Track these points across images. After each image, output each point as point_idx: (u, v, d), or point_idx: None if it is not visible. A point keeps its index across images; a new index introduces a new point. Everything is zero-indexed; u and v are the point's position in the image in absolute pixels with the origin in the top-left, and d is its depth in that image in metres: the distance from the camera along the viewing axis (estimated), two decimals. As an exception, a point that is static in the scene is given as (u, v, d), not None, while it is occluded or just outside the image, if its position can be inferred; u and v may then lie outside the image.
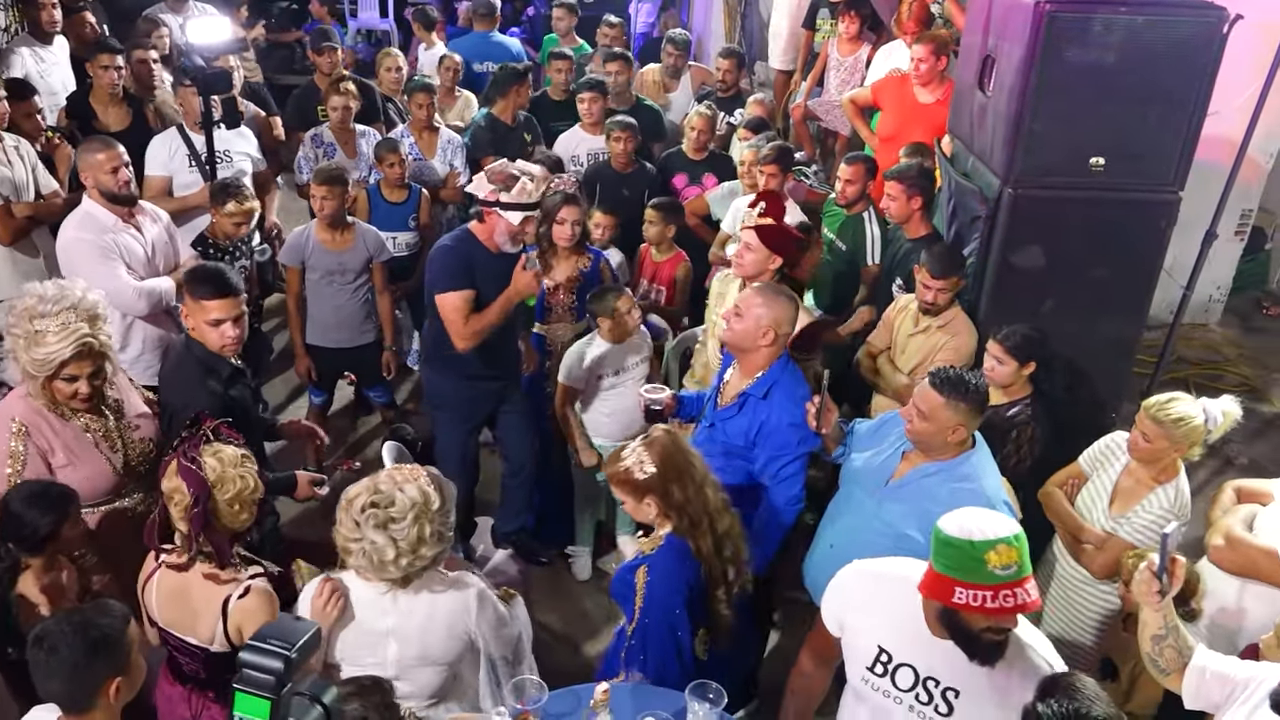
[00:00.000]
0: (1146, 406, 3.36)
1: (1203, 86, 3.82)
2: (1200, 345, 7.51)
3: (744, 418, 3.49)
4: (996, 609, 2.28)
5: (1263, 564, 3.04)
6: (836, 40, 6.65)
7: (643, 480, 2.95)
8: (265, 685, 1.51)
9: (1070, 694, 2.14)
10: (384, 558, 2.58)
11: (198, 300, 3.36)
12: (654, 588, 2.93)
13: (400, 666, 2.72)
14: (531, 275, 3.78)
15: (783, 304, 3.48)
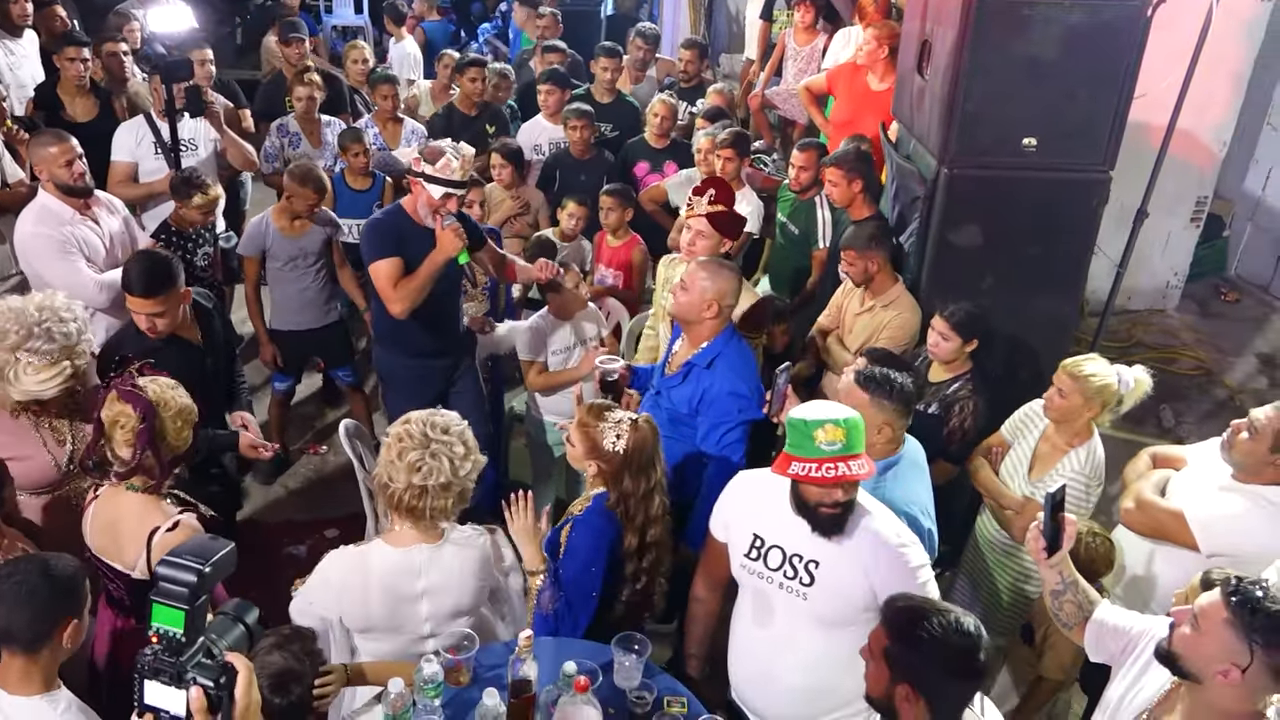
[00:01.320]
0: (1063, 364, 3.49)
1: (1129, 68, 3.95)
2: (1158, 330, 7.65)
3: (688, 386, 3.62)
4: (820, 478, 2.56)
5: (1169, 525, 3.16)
6: (793, 30, 6.78)
7: (605, 451, 3.05)
8: (180, 597, 1.59)
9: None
10: (455, 456, 2.72)
11: (124, 287, 3.59)
12: (575, 540, 3.06)
13: (435, 623, 2.85)
14: (452, 231, 3.87)
15: (726, 277, 3.60)
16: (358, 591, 2.76)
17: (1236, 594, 2.17)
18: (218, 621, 1.69)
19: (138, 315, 3.59)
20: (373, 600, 2.77)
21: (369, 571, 2.77)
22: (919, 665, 2.16)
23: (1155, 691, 2.43)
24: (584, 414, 3.14)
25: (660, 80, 7.11)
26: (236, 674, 1.63)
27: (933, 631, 2.15)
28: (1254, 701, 2.22)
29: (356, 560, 2.80)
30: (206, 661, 1.62)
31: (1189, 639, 2.24)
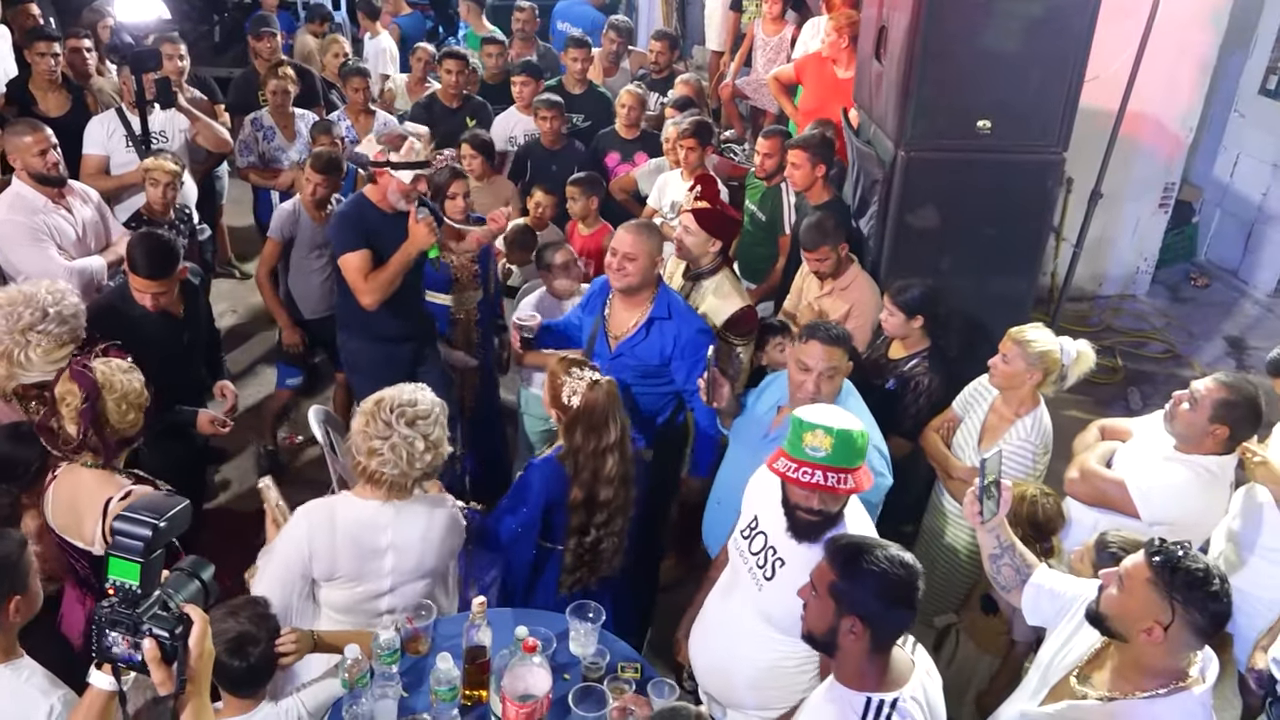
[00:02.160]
0: (1009, 331, 3.58)
1: (1079, 51, 4.03)
2: (1129, 315, 7.75)
3: (654, 339, 3.79)
4: (794, 480, 2.60)
5: (1111, 494, 3.25)
6: (762, 21, 6.86)
7: (563, 403, 3.23)
8: (135, 550, 1.66)
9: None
10: (414, 452, 2.79)
11: (130, 268, 3.69)
12: (523, 481, 3.27)
13: (396, 578, 2.93)
14: (425, 225, 3.94)
15: (654, 231, 3.85)
16: (325, 539, 2.85)
17: (1159, 555, 2.26)
18: (174, 577, 1.76)
19: (141, 294, 3.71)
20: (340, 550, 2.86)
21: (336, 522, 2.87)
22: (865, 597, 2.24)
23: (1085, 650, 2.51)
24: (555, 365, 3.33)
25: (634, 72, 7.17)
26: (191, 625, 1.69)
27: (877, 565, 2.24)
28: (1177, 658, 2.30)
29: (326, 510, 2.90)
30: (162, 614, 1.68)
31: (1115, 599, 2.32)
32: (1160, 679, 2.30)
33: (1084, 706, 2.39)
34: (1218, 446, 3.16)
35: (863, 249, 4.53)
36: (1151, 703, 2.29)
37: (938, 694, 2.45)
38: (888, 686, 2.31)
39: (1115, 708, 2.34)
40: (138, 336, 3.47)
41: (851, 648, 2.28)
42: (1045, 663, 2.63)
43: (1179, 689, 2.29)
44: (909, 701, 2.30)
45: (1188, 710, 2.28)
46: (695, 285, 4.24)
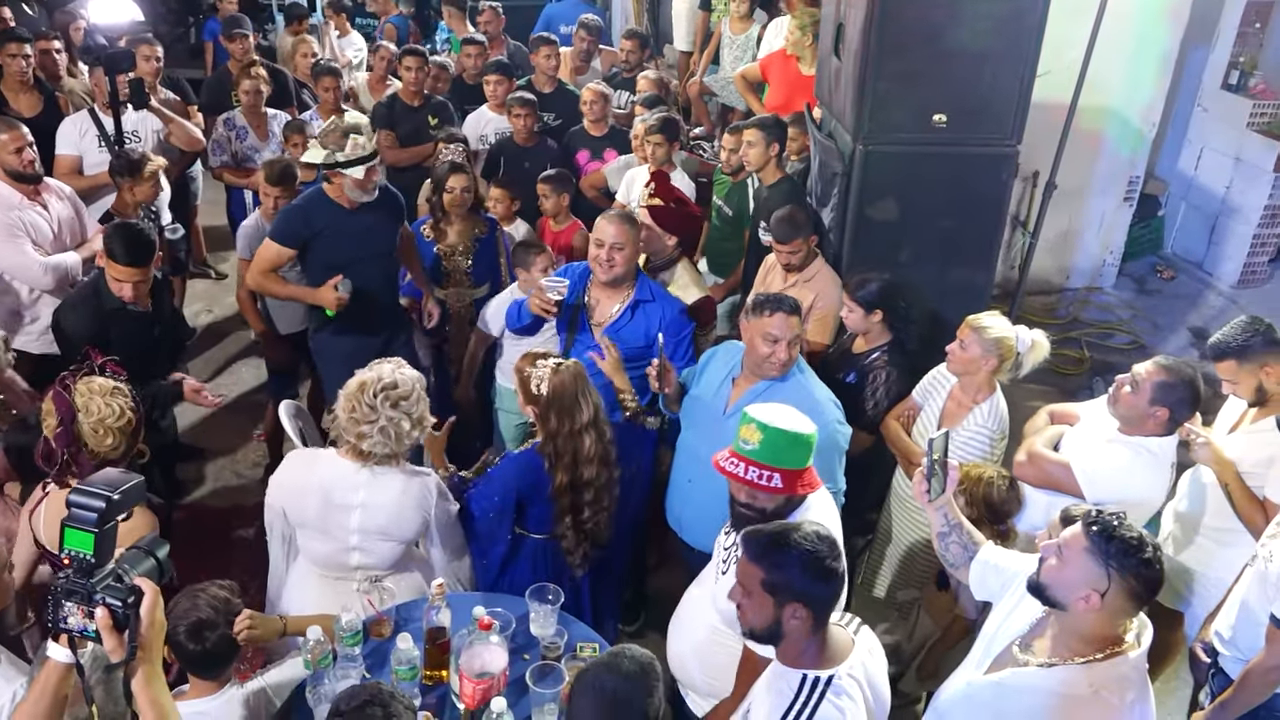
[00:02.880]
0: (966, 319, 3.68)
1: (1031, 46, 4.13)
2: (1096, 307, 7.88)
3: (640, 321, 3.95)
4: (723, 469, 2.71)
5: (1058, 475, 3.34)
6: (730, 19, 6.95)
7: (533, 394, 3.29)
8: (89, 521, 1.73)
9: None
10: (400, 430, 2.93)
11: (110, 259, 3.75)
12: (497, 471, 3.35)
13: (361, 535, 3.04)
14: (334, 297, 4.11)
15: (634, 222, 3.97)
16: (297, 487, 3.01)
17: (1095, 524, 2.34)
18: (130, 554, 1.84)
19: (120, 283, 3.77)
20: (309, 499, 2.99)
21: (313, 473, 3.01)
22: (798, 580, 2.29)
23: (1027, 622, 2.59)
24: (520, 360, 3.39)
25: (605, 71, 7.25)
26: (143, 595, 1.76)
27: (801, 545, 2.30)
28: (1114, 625, 2.38)
29: (308, 459, 3.07)
30: (115, 585, 1.76)
31: (1054, 569, 2.40)
32: (1097, 645, 2.37)
33: (1024, 673, 2.47)
34: (1159, 428, 3.25)
35: (824, 241, 4.62)
36: (1089, 668, 2.37)
37: (880, 672, 2.52)
38: (825, 664, 2.36)
39: (1054, 673, 2.41)
40: (111, 331, 3.56)
41: (797, 630, 2.34)
42: (990, 634, 2.70)
43: (1115, 654, 2.36)
44: (845, 679, 2.36)
45: (1122, 674, 2.35)
46: (654, 277, 4.33)
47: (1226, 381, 3.42)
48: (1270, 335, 3.30)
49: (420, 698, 2.72)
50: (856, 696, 2.37)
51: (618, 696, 2.16)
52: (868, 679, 2.44)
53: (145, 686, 1.79)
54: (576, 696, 2.21)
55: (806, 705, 2.30)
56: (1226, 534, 3.46)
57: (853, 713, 2.33)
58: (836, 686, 2.33)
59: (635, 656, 2.25)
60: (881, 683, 2.51)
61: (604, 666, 2.23)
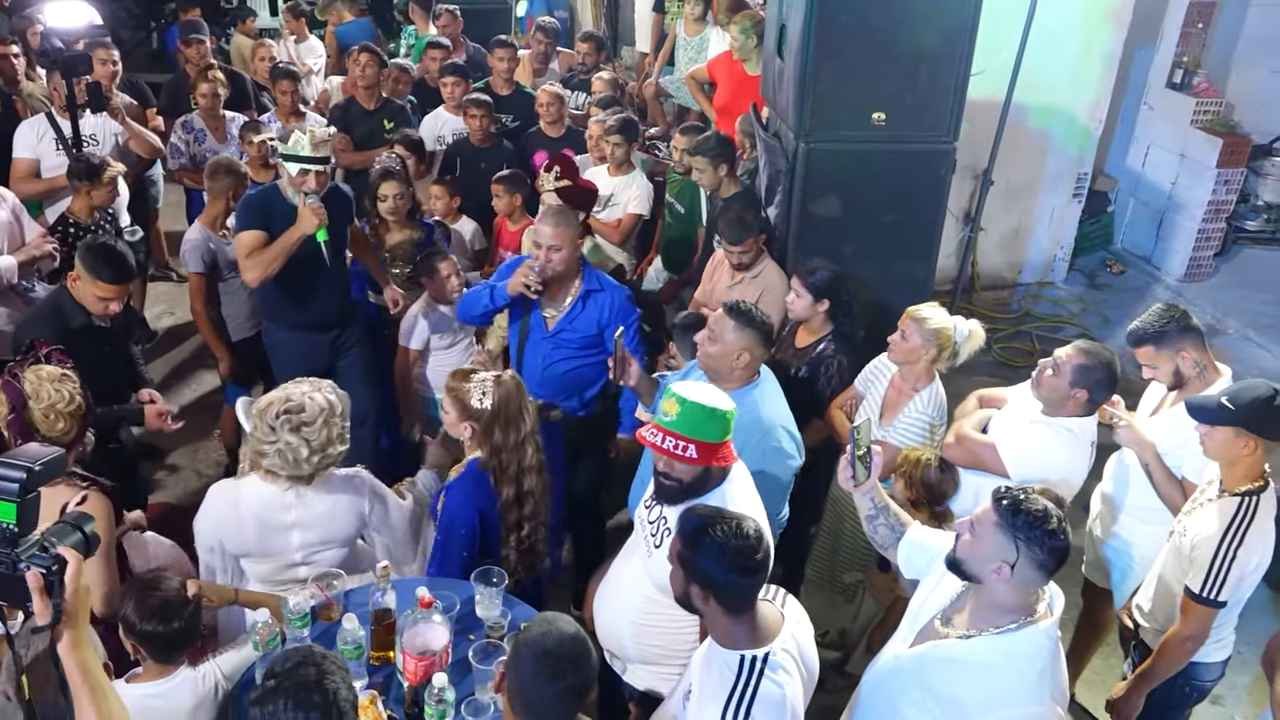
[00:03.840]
0: (907, 310, 3.81)
1: (965, 46, 4.27)
2: (1047, 301, 8.06)
3: (591, 309, 4.10)
4: (641, 437, 2.83)
5: (984, 456, 3.48)
6: (683, 21, 7.09)
7: (475, 409, 3.28)
8: (10, 492, 1.82)
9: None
10: (298, 456, 2.95)
11: (94, 279, 3.77)
12: (447, 504, 3.28)
13: (305, 552, 3.10)
14: (311, 210, 4.10)
15: (571, 215, 4.09)
16: (231, 521, 3.02)
17: (1003, 500, 2.46)
18: (56, 527, 1.92)
19: (105, 301, 3.83)
20: (245, 528, 3.03)
21: (240, 503, 3.03)
22: (704, 566, 2.38)
23: (949, 596, 2.71)
24: (451, 379, 3.39)
25: (562, 73, 7.35)
26: (67, 563, 1.85)
27: (715, 537, 2.38)
28: (1026, 595, 2.50)
29: (230, 492, 3.07)
30: (39, 554, 1.84)
31: (968, 544, 2.52)
32: (1011, 615, 2.49)
33: (944, 645, 2.59)
34: (1078, 408, 3.40)
35: (771, 237, 4.74)
36: (1003, 637, 2.48)
37: (808, 641, 2.63)
38: (759, 642, 2.45)
39: (971, 644, 2.53)
40: (69, 347, 3.57)
41: (708, 610, 2.44)
42: (915, 609, 2.82)
43: (1028, 623, 2.49)
44: (780, 654, 2.46)
45: (1034, 641, 2.47)
46: None
47: (1146, 367, 3.56)
48: (1185, 322, 3.44)
49: (367, 677, 2.81)
50: (792, 670, 2.48)
51: (561, 652, 2.23)
52: (799, 650, 2.55)
53: (72, 650, 1.87)
54: (516, 660, 2.27)
55: (749, 685, 2.39)
56: (1149, 513, 3.59)
57: (790, 686, 2.44)
58: (773, 663, 2.43)
59: (569, 619, 2.35)
60: (810, 650, 2.61)
61: (543, 634, 2.28)
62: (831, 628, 4.46)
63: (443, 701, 2.63)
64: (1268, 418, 2.95)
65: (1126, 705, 3.32)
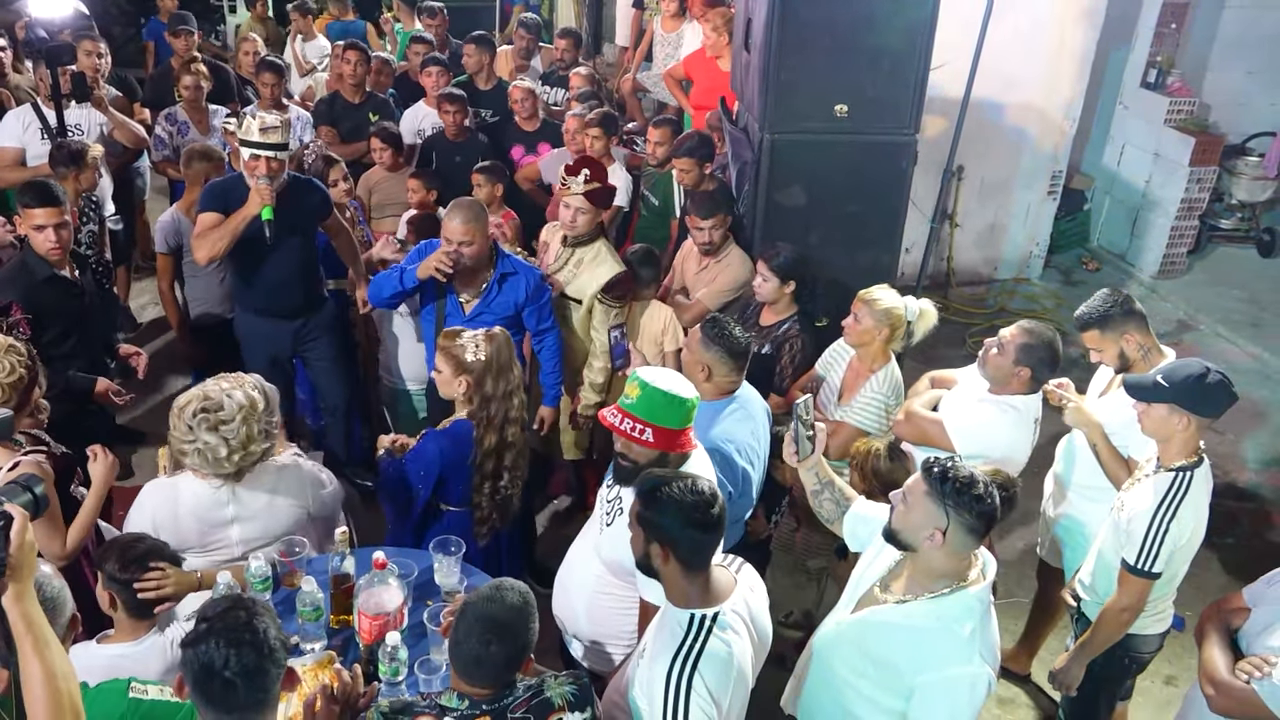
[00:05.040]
0: (859, 294, 3.93)
1: (925, 41, 4.38)
2: (1022, 297, 8.17)
3: (508, 292, 4.23)
4: (603, 418, 2.92)
5: (932, 432, 3.59)
6: (661, 18, 7.21)
7: (469, 362, 3.44)
8: None
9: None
10: (217, 455, 2.95)
11: (24, 208, 3.95)
12: (421, 444, 3.49)
13: (246, 546, 3.14)
14: (256, 190, 4.20)
15: (476, 206, 4.22)
16: (168, 519, 3.06)
17: (931, 469, 2.57)
18: (7, 486, 2.03)
19: (41, 230, 3.97)
20: (183, 526, 3.07)
21: (178, 501, 3.07)
22: (662, 523, 2.48)
23: (886, 565, 2.81)
24: (443, 339, 3.56)
25: (544, 68, 7.46)
26: (13, 520, 1.94)
27: (671, 494, 2.48)
28: (957, 560, 2.60)
29: (168, 490, 3.10)
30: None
31: (901, 514, 2.62)
32: (945, 580, 2.60)
33: (881, 610, 2.69)
34: (1022, 386, 3.51)
35: (739, 227, 4.85)
36: (937, 601, 2.59)
37: (761, 608, 2.72)
38: (710, 603, 2.54)
39: (907, 608, 2.63)
40: (43, 300, 3.84)
41: (666, 570, 2.53)
42: (856, 578, 2.92)
43: (960, 587, 2.59)
44: (729, 614, 2.55)
45: (966, 605, 2.57)
46: (574, 252, 4.56)
47: (1092, 350, 3.67)
48: (1128, 305, 3.55)
49: (327, 639, 2.91)
50: (741, 630, 2.57)
51: (498, 622, 2.34)
52: (750, 614, 2.64)
53: (15, 602, 1.95)
54: (460, 623, 2.37)
55: (697, 640, 2.48)
56: (1097, 491, 3.69)
57: (738, 645, 2.53)
58: (722, 622, 2.51)
59: (517, 588, 2.44)
60: (763, 618, 2.71)
61: (487, 599, 2.39)
62: (796, 609, 4.55)
63: (396, 659, 2.73)
64: (1200, 395, 3.05)
65: (1066, 675, 3.43)
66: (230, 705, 2.05)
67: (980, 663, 2.54)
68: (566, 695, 2.41)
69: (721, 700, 2.46)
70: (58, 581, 2.45)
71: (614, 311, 4.50)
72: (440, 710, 2.33)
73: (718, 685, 2.45)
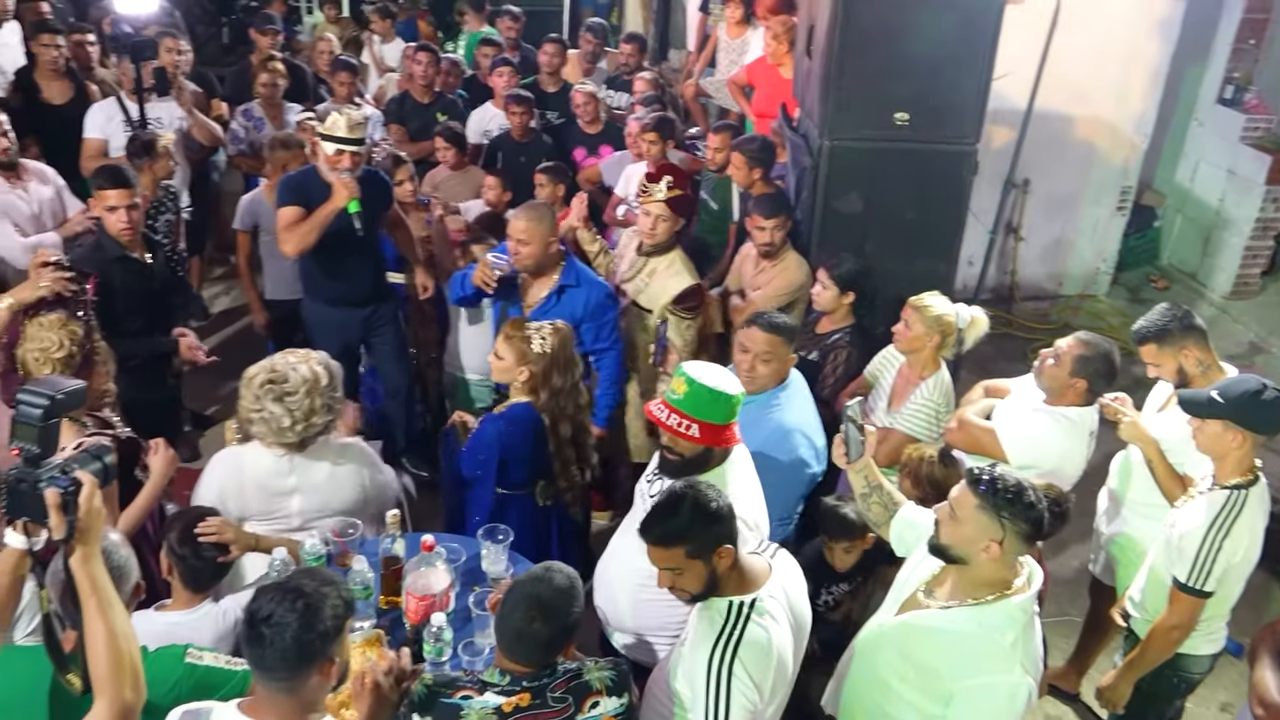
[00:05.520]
0: (910, 300, 3.93)
1: (988, 50, 4.36)
2: (1086, 314, 8.04)
3: (565, 304, 4.19)
4: (650, 413, 2.96)
5: (984, 441, 3.57)
6: (725, 24, 7.25)
7: (535, 353, 3.53)
8: (33, 418, 2.01)
9: None
10: (281, 425, 3.10)
11: (99, 190, 4.16)
12: (480, 434, 3.60)
13: (304, 518, 3.27)
14: (342, 184, 4.33)
15: (544, 210, 4.25)
16: (234, 486, 3.20)
17: (979, 482, 2.55)
18: (79, 454, 2.12)
19: (115, 212, 4.15)
20: (247, 493, 3.21)
21: (244, 469, 3.21)
22: (711, 530, 2.50)
23: (930, 570, 2.81)
24: (509, 329, 3.66)
25: (610, 72, 7.54)
26: (82, 485, 2.04)
27: (692, 506, 2.53)
28: (1007, 569, 2.59)
29: (235, 459, 3.25)
30: (59, 475, 2.02)
31: (952, 529, 2.59)
32: (990, 588, 2.59)
33: (925, 614, 2.69)
34: (1078, 398, 3.48)
35: (796, 233, 4.86)
36: (979, 609, 2.58)
37: (799, 593, 2.75)
38: (747, 589, 2.59)
39: (950, 614, 2.63)
40: (114, 279, 4.06)
41: (729, 569, 2.56)
42: (901, 581, 2.93)
43: (1004, 596, 2.58)
44: (767, 599, 2.59)
45: (1009, 614, 2.56)
46: (647, 262, 4.61)
47: (1150, 365, 3.63)
48: (1188, 320, 3.50)
49: (375, 619, 3.00)
50: (779, 614, 2.61)
51: (543, 602, 2.41)
52: (788, 600, 2.68)
53: (83, 564, 2.05)
54: (508, 599, 2.45)
55: (736, 627, 2.52)
56: (1152, 509, 3.64)
57: (776, 630, 2.57)
58: (760, 607, 2.56)
59: (564, 571, 2.51)
60: (801, 602, 2.74)
61: (536, 578, 2.47)
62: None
63: (440, 640, 2.81)
64: (1255, 411, 3.00)
65: (1113, 693, 3.39)
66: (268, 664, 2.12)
67: (1021, 672, 2.53)
68: (605, 680, 2.47)
69: (763, 685, 2.50)
70: (125, 550, 2.57)
71: (685, 323, 4.53)
72: (482, 685, 2.40)
73: (758, 670, 2.49)
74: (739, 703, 2.45)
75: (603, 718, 2.44)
